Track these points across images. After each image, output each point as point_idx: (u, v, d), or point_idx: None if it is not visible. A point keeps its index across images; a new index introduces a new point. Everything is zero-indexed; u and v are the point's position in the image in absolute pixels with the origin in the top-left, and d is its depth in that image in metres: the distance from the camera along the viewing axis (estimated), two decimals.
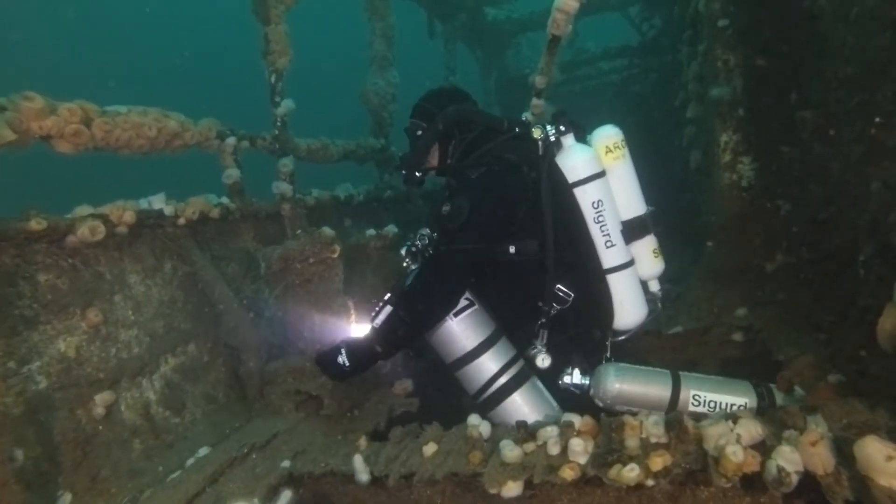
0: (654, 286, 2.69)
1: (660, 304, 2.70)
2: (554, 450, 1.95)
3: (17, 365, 1.98)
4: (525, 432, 2.13)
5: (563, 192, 2.44)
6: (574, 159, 2.44)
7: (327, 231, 2.83)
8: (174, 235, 2.84)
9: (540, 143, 2.50)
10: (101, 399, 2.27)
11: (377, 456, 2.15)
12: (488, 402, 2.40)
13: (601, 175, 2.44)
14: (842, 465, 1.53)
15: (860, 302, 2.29)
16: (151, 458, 2.40)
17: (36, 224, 2.04)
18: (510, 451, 1.97)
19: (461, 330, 2.44)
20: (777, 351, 2.48)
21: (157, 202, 2.77)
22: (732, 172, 3.45)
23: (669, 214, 5.77)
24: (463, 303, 2.45)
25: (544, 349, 2.43)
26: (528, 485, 1.86)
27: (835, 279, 2.52)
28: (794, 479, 1.55)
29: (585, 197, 2.42)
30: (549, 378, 2.51)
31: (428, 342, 2.54)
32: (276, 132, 3.55)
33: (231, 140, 3.27)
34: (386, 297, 2.48)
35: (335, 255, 2.80)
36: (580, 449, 1.90)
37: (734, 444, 1.68)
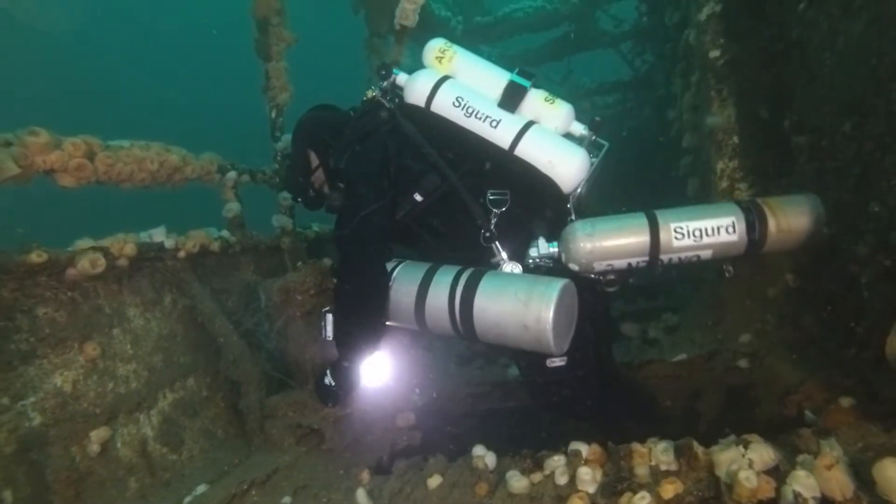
0: (578, 129, 2.44)
1: (604, 142, 2.41)
2: (562, 479, 1.90)
3: (10, 401, 1.94)
4: (532, 462, 2.08)
5: (426, 119, 2.43)
6: (413, 85, 2.46)
7: (328, 262, 2.83)
8: (174, 268, 2.83)
9: (381, 100, 2.54)
10: (97, 435, 2.22)
11: (381, 490, 2.09)
12: (465, 318, 2.16)
13: (445, 79, 2.43)
14: (861, 490, 1.49)
15: (865, 324, 2.27)
16: (147, 497, 2.33)
17: (36, 257, 2.04)
18: (517, 481, 1.92)
19: (396, 290, 2.32)
20: (785, 376, 2.45)
21: (158, 235, 2.77)
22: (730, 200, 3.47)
23: None
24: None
25: (506, 258, 2.27)
26: None
27: (838, 302, 2.51)
28: None
29: (443, 104, 2.40)
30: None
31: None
32: (276, 166, 3.58)
33: (232, 174, 3.30)
34: (324, 310, 2.43)
35: None
36: (589, 478, 1.86)
37: (747, 470, 1.64)
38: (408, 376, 2.79)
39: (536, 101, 2.41)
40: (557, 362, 2.27)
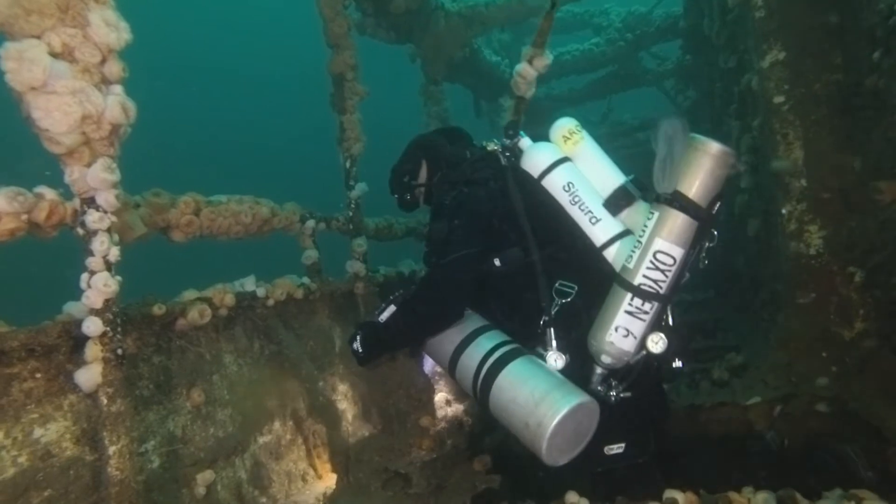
0: None
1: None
2: None
3: (137, 444, 2.07)
4: None
5: (533, 189, 2.50)
6: (533, 155, 2.54)
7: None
8: (263, 315, 2.97)
9: (500, 155, 2.65)
10: (203, 478, 2.33)
11: None
12: (484, 388, 2.23)
13: (564, 160, 2.49)
14: None
15: None
16: None
17: (157, 309, 2.19)
18: None
19: (445, 333, 2.44)
20: (877, 424, 2.41)
21: (249, 284, 2.92)
22: (799, 241, 3.47)
23: (723, 280, 5.78)
24: None
25: (554, 348, 2.30)
26: None
27: None
28: None
29: (554, 184, 2.46)
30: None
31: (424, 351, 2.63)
32: (350, 214, 3.74)
33: (311, 223, 3.46)
34: (393, 296, 2.59)
35: None
36: None
37: None
38: None
39: (638, 213, 2.42)
40: (615, 449, 2.28)
